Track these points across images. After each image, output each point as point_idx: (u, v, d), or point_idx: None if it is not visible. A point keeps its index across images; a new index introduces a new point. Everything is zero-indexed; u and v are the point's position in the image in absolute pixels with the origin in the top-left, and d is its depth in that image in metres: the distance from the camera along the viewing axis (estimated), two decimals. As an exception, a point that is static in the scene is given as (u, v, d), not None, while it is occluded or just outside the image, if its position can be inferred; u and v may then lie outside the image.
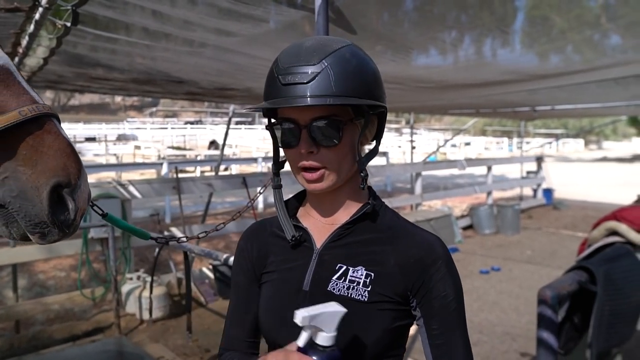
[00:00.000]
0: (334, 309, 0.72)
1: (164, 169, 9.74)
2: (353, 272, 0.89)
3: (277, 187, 0.96)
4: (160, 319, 4.41)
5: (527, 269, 6.16)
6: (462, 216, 8.79)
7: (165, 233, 5.70)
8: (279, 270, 0.95)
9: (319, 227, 0.95)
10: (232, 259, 2.23)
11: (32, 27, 2.31)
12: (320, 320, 0.71)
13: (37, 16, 2.18)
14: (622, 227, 2.69)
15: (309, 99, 0.81)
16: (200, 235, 2.14)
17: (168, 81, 4.03)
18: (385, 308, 0.87)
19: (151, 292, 3.89)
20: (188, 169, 14.60)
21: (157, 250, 3.12)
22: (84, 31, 2.44)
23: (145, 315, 4.34)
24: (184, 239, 1.97)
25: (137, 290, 4.46)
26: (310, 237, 0.94)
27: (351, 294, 0.87)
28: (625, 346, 2.65)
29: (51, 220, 0.81)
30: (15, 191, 0.80)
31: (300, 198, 1.02)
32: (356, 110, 0.87)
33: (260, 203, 9.81)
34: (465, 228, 8.30)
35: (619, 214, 2.80)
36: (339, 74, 0.82)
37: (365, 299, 0.86)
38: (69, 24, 2.22)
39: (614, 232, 2.76)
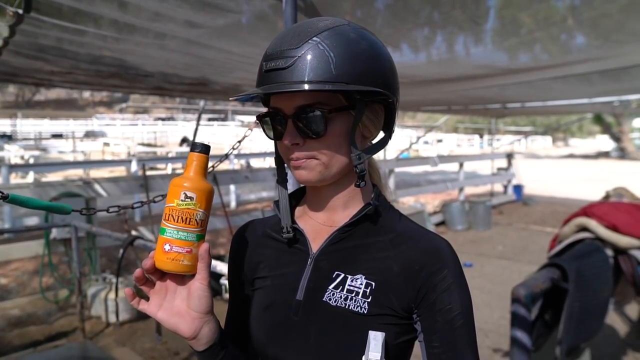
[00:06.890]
0: (381, 338, 0.75)
1: (133, 167, 9.48)
2: (351, 281, 0.80)
3: (281, 182, 0.88)
4: (128, 321, 4.25)
5: (499, 264, 6.24)
6: (435, 212, 8.85)
7: (133, 232, 5.52)
8: (272, 276, 0.87)
9: (316, 229, 0.86)
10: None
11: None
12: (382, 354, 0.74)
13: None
14: (592, 223, 2.71)
15: (285, 85, 0.72)
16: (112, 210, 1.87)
17: (135, 75, 3.88)
18: (387, 322, 0.78)
19: (117, 294, 3.75)
20: (159, 166, 14.30)
21: (121, 250, 2.99)
22: (39, 20, 2.29)
23: (112, 318, 4.18)
24: (115, 209, 1.81)
25: (103, 292, 4.28)
26: (306, 239, 0.85)
27: (349, 306, 0.78)
28: (593, 340, 2.68)
29: None
30: None
31: (298, 196, 0.93)
32: (348, 98, 0.77)
33: (232, 201, 9.67)
34: (437, 224, 8.36)
35: (588, 210, 2.83)
36: (320, 58, 0.73)
37: (365, 312, 0.77)
38: (21, 11, 2.08)
39: (584, 228, 2.78)
